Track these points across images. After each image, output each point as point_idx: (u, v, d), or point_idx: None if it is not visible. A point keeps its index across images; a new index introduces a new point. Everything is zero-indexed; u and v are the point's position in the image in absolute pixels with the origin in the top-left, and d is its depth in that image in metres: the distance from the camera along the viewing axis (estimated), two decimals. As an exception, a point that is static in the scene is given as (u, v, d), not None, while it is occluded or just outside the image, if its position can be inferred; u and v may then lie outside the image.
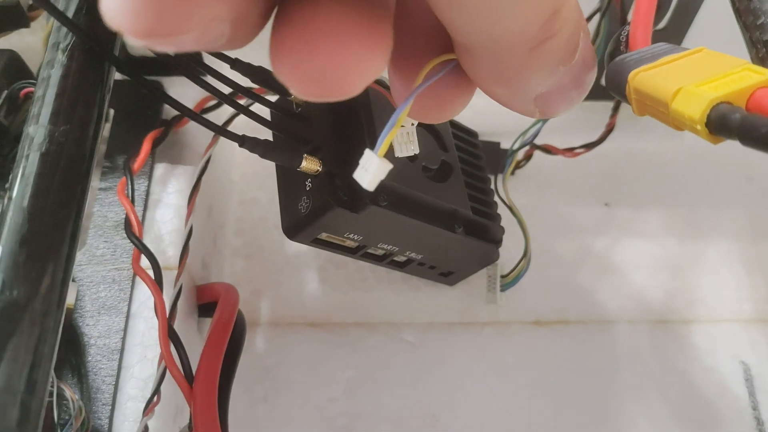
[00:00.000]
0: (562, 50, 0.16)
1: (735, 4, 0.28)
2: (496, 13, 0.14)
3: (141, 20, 0.12)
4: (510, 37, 0.15)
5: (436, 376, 0.40)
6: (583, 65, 0.17)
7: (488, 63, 0.16)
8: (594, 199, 0.46)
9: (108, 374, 0.30)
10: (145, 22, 0.12)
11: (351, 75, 0.14)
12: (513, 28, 0.15)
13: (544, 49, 0.16)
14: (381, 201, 0.30)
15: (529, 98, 0.17)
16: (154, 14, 0.12)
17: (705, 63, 0.24)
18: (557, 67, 0.16)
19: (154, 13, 0.12)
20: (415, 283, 0.41)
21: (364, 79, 0.14)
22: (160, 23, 0.12)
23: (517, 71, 0.16)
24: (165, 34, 0.12)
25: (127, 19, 0.12)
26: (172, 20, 0.12)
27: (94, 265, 0.33)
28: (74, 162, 0.23)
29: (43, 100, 0.24)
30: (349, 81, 0.14)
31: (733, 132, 0.21)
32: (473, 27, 0.15)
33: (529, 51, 0.15)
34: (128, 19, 0.12)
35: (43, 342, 0.20)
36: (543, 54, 0.16)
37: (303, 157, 0.29)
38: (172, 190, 0.35)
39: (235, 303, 0.31)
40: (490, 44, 0.15)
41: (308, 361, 0.40)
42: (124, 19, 0.12)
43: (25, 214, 0.21)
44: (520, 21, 0.15)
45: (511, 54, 0.16)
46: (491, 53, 0.16)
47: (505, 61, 0.16)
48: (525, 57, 0.16)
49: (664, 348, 0.41)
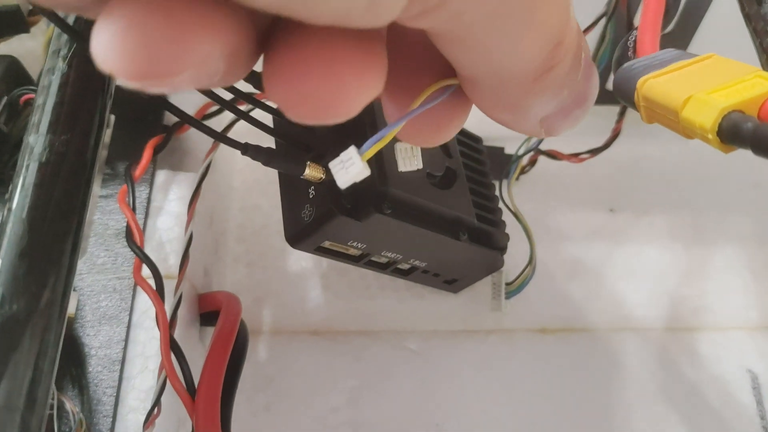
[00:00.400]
0: (565, 76, 0.16)
1: (744, 8, 0.27)
2: (500, 52, 0.14)
3: (132, 63, 0.11)
4: (513, 71, 0.15)
5: (439, 385, 0.39)
6: (585, 83, 0.18)
7: (492, 92, 0.16)
8: (599, 204, 0.45)
9: (109, 386, 0.30)
10: (136, 64, 0.11)
11: (345, 97, 0.13)
12: (516, 64, 0.15)
13: (548, 78, 0.16)
14: (385, 209, 0.30)
15: (534, 121, 0.17)
16: (146, 56, 0.11)
17: (715, 70, 0.24)
18: (561, 91, 0.17)
19: (146, 55, 0.11)
20: (419, 291, 0.41)
21: (359, 101, 0.14)
22: (152, 65, 0.12)
23: (521, 99, 0.16)
24: (158, 76, 0.12)
25: (117, 62, 0.11)
26: (164, 61, 0.12)
27: (94, 274, 0.33)
28: (75, 172, 0.22)
29: (43, 109, 0.23)
30: (344, 103, 0.13)
31: (745, 141, 0.21)
32: (477, 64, 0.15)
33: (532, 81, 0.15)
34: (119, 62, 0.11)
35: (44, 357, 0.20)
36: (546, 82, 0.16)
37: (306, 164, 0.28)
38: (173, 197, 0.35)
39: (237, 313, 0.30)
40: (494, 77, 0.15)
41: (311, 369, 0.39)
42: (115, 62, 0.11)
43: (25, 226, 0.21)
44: (524, 58, 0.15)
45: (515, 85, 0.16)
46: (495, 84, 0.16)
47: (509, 90, 0.16)
48: (529, 87, 0.16)
49: (671, 356, 0.41)
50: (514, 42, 0.14)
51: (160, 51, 0.11)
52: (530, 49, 0.15)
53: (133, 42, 0.11)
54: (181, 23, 0.12)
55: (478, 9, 0.13)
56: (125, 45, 0.11)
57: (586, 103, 0.18)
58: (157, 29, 0.11)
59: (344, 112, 0.13)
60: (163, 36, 0.11)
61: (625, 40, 0.30)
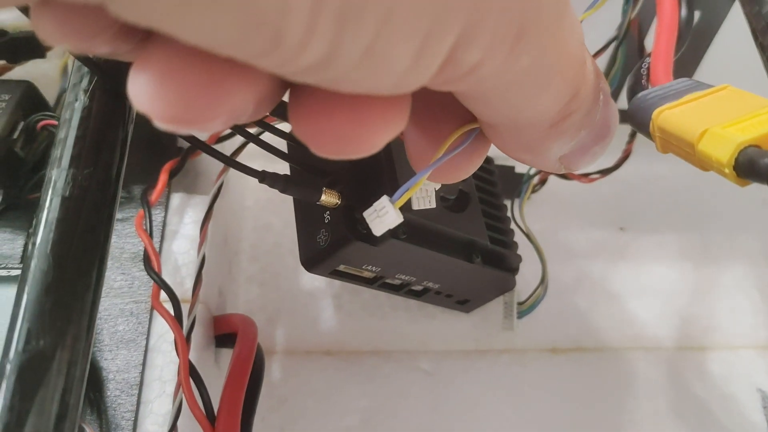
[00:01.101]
0: (582, 121, 0.17)
1: (758, 39, 0.27)
2: (517, 108, 0.15)
3: (168, 108, 0.12)
4: (531, 121, 0.16)
5: (452, 405, 0.40)
6: (604, 124, 0.18)
7: (510, 137, 0.17)
8: (609, 223, 0.45)
9: (127, 410, 0.30)
10: (174, 110, 0.12)
11: (369, 134, 0.14)
12: (533, 116, 0.15)
13: (564, 124, 0.16)
14: (400, 234, 0.30)
15: (553, 160, 0.18)
16: (183, 103, 0.12)
17: (730, 102, 0.24)
18: (578, 132, 0.17)
19: (183, 101, 0.12)
20: (431, 311, 0.41)
21: (382, 138, 0.14)
22: (189, 112, 0.12)
23: (538, 143, 0.17)
24: (193, 123, 0.12)
25: (154, 106, 0.12)
26: (200, 109, 0.12)
27: (111, 298, 0.33)
28: (98, 206, 0.23)
29: (65, 143, 0.23)
30: (368, 140, 0.14)
31: (762, 176, 0.21)
32: (496, 115, 0.16)
33: (549, 128, 0.16)
34: (155, 106, 0.12)
35: (70, 392, 0.20)
36: (563, 128, 0.16)
37: (322, 190, 0.29)
38: (188, 220, 0.35)
39: (254, 337, 0.31)
40: (512, 126, 0.16)
41: (324, 389, 0.40)
42: (152, 106, 0.12)
43: (50, 261, 0.21)
44: (540, 111, 0.15)
45: (532, 131, 0.16)
46: (513, 131, 0.16)
47: (527, 136, 0.16)
48: (546, 133, 0.16)
49: (681, 375, 0.41)
50: (532, 101, 0.15)
51: (198, 99, 0.12)
52: (546, 104, 0.15)
53: (173, 89, 0.12)
54: (218, 73, 0.12)
55: (499, 78, 0.14)
56: (164, 91, 0.12)
57: (605, 140, 0.19)
58: (195, 78, 0.12)
59: (367, 148, 0.14)
60: (200, 85, 0.12)
61: (638, 67, 0.30)
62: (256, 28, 0.11)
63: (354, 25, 0.11)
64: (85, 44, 0.13)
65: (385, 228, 0.19)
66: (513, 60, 0.13)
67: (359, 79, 0.12)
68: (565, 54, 0.15)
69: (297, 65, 0.12)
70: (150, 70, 0.12)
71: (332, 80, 0.12)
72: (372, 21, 0.11)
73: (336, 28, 0.11)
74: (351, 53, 0.12)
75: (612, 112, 0.19)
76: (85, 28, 0.12)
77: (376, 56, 0.12)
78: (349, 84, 0.12)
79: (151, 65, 0.12)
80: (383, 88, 0.13)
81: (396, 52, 0.12)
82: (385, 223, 0.19)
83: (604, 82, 0.18)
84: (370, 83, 0.13)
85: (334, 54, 0.11)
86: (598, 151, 0.19)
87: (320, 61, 0.12)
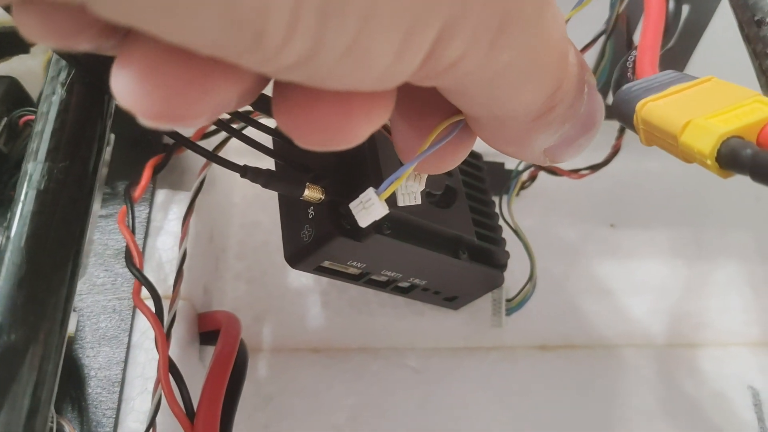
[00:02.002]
0: (565, 114, 0.17)
1: (744, 30, 0.27)
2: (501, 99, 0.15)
3: (153, 106, 0.12)
4: (513, 115, 0.16)
5: (440, 403, 0.39)
6: (589, 116, 0.18)
7: (494, 130, 0.17)
8: (600, 220, 0.45)
9: (108, 407, 0.30)
10: (158, 107, 0.12)
11: (353, 126, 0.14)
12: (515, 110, 0.16)
13: (547, 117, 0.16)
14: (384, 229, 0.30)
15: (538, 153, 0.18)
16: (167, 99, 0.12)
17: (714, 93, 0.24)
18: (562, 125, 0.17)
19: (167, 98, 0.12)
20: (419, 308, 0.41)
21: (366, 130, 0.14)
22: (173, 108, 0.12)
23: (522, 136, 0.17)
24: (177, 119, 0.12)
25: (138, 104, 0.12)
26: (184, 106, 0.12)
27: (94, 295, 0.33)
28: (74, 200, 0.22)
29: (41, 136, 0.23)
30: (351, 132, 0.14)
31: (744, 168, 0.21)
32: (479, 108, 0.16)
33: (531, 122, 0.16)
34: (140, 103, 0.12)
35: (42, 386, 0.20)
36: (546, 120, 0.16)
37: (305, 186, 0.28)
38: (173, 216, 0.35)
39: (236, 335, 0.30)
40: (495, 120, 0.16)
41: (311, 387, 0.39)
42: (136, 102, 0.12)
43: (24, 255, 0.21)
44: (522, 104, 0.15)
45: (515, 124, 0.16)
46: (496, 124, 0.16)
47: (510, 129, 0.16)
48: (528, 126, 0.16)
49: (672, 373, 0.41)
50: (514, 94, 0.15)
51: (182, 96, 0.12)
52: (529, 98, 0.15)
53: (156, 86, 0.12)
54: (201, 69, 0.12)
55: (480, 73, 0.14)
56: (148, 88, 0.12)
57: (590, 132, 0.19)
58: (179, 75, 0.12)
59: (352, 140, 0.14)
60: (184, 82, 0.12)
61: (624, 60, 0.30)
62: (237, 28, 0.11)
63: (335, 22, 0.11)
64: (67, 42, 0.13)
65: (370, 219, 0.19)
66: (494, 55, 0.13)
67: (341, 76, 0.12)
68: (547, 47, 0.15)
69: (279, 63, 0.12)
70: (133, 66, 0.12)
71: (314, 77, 0.12)
72: (354, 18, 0.11)
73: (317, 26, 0.11)
74: (333, 50, 0.12)
75: (597, 104, 0.19)
76: (68, 26, 0.12)
77: (358, 53, 0.12)
78: (332, 81, 0.12)
79: (133, 61, 0.12)
80: (366, 84, 0.13)
81: (378, 48, 0.12)
82: (371, 214, 0.19)
83: (590, 75, 0.18)
84: (353, 80, 0.13)
85: (316, 52, 0.11)
86: (583, 143, 0.19)
87: (302, 58, 0.12)
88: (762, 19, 0.26)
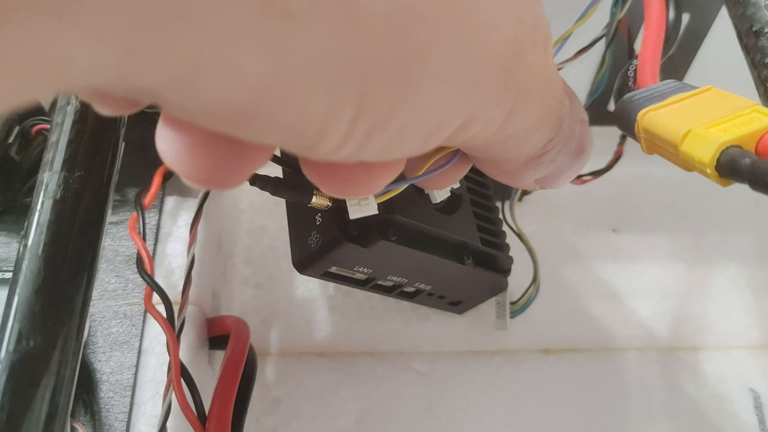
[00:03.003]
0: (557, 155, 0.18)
1: (743, 41, 0.28)
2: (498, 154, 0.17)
3: (199, 174, 0.13)
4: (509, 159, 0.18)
5: (445, 406, 0.40)
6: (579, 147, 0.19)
7: (490, 167, 0.19)
8: (602, 225, 0.46)
9: (120, 411, 0.30)
10: (203, 176, 0.13)
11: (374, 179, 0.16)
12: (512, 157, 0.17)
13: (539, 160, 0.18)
14: (391, 236, 0.30)
15: (529, 183, 0.19)
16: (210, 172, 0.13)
17: (714, 103, 0.24)
18: (553, 163, 0.19)
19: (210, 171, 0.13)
20: (424, 312, 0.41)
21: (385, 182, 0.16)
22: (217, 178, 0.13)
23: (516, 173, 0.18)
24: (218, 186, 0.13)
25: (184, 170, 0.13)
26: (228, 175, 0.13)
27: (105, 300, 0.33)
28: (89, 208, 0.23)
29: (57, 146, 0.24)
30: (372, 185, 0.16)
31: (743, 177, 0.21)
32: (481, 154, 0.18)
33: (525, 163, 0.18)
34: (185, 169, 0.13)
35: (60, 392, 0.21)
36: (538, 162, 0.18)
37: (313, 193, 0.29)
38: (182, 223, 0.36)
39: (246, 339, 0.31)
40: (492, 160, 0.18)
41: (318, 391, 0.40)
42: (182, 169, 0.13)
43: (41, 263, 0.22)
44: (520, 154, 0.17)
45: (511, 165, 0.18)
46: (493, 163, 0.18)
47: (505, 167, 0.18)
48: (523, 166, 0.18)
49: (673, 376, 0.41)
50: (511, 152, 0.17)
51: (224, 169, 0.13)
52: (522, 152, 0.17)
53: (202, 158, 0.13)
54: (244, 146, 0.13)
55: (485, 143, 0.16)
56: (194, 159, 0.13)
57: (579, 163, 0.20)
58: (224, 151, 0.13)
59: (372, 191, 0.16)
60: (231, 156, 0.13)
61: (625, 69, 0.30)
62: (296, 142, 0.12)
63: (378, 137, 0.13)
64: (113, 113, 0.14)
65: (360, 215, 0.21)
66: (501, 132, 0.15)
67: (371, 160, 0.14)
68: (546, 114, 0.16)
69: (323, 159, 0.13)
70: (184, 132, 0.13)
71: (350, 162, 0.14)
72: (393, 131, 0.13)
73: (363, 141, 0.13)
74: (371, 152, 0.13)
75: (587, 137, 0.20)
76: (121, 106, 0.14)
77: (390, 150, 0.14)
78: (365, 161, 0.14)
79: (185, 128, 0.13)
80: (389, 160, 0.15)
81: (407, 146, 0.14)
82: (363, 211, 0.21)
83: (583, 113, 0.20)
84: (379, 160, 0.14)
85: (357, 154, 0.13)
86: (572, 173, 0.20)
87: (345, 158, 0.13)
88: (760, 29, 0.27)
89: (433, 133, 0.14)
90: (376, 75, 0.12)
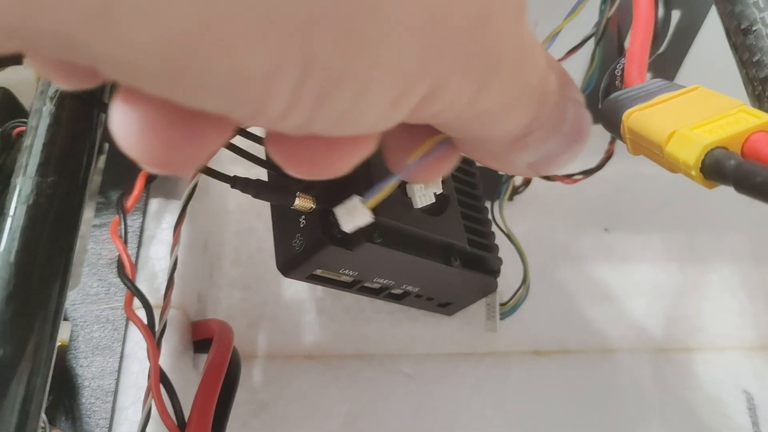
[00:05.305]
0: (546, 135, 0.17)
1: (731, 39, 0.27)
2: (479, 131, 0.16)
3: (153, 158, 0.13)
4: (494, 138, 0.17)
5: (434, 409, 0.39)
6: (575, 131, 0.18)
7: (476, 149, 0.18)
8: (593, 224, 0.45)
9: (102, 417, 0.30)
10: (156, 159, 0.13)
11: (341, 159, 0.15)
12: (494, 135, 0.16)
13: (525, 140, 0.17)
14: (375, 238, 0.30)
15: (521, 168, 0.18)
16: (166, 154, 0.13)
17: (700, 103, 0.24)
18: (543, 144, 0.17)
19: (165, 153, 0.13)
20: (413, 314, 0.41)
21: (352, 161, 0.15)
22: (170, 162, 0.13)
23: (503, 155, 0.17)
24: (174, 169, 0.13)
25: (139, 154, 0.13)
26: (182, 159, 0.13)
27: (87, 305, 0.33)
28: (63, 214, 0.23)
29: (30, 150, 0.23)
30: (339, 164, 0.15)
31: (728, 179, 0.21)
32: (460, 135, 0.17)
33: (510, 144, 0.17)
34: (140, 153, 0.13)
35: (30, 401, 0.20)
36: (524, 143, 0.17)
37: (296, 195, 0.28)
38: (166, 225, 0.35)
39: (229, 344, 0.30)
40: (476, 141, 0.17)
41: (306, 394, 0.39)
42: (137, 152, 0.13)
43: (12, 269, 0.21)
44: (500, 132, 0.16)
45: (496, 145, 0.17)
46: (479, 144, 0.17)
47: (492, 148, 0.17)
48: (509, 146, 0.17)
49: (666, 377, 0.41)
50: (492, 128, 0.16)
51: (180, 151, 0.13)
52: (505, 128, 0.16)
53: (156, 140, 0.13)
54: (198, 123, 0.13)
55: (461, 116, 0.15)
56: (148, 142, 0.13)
57: (575, 147, 0.19)
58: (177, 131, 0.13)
59: (338, 171, 0.15)
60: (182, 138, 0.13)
61: (613, 68, 0.30)
62: (238, 106, 0.12)
63: (331, 100, 0.12)
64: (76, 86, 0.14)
65: (354, 226, 0.20)
66: (474, 105, 0.14)
67: (331, 132, 0.13)
68: (526, 89, 0.16)
69: (275, 128, 0.13)
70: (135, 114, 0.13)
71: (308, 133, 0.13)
72: (348, 95, 0.12)
73: (315, 105, 0.12)
74: (326, 119, 0.13)
75: (584, 120, 0.19)
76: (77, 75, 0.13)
77: (348, 118, 0.13)
78: (323, 134, 0.13)
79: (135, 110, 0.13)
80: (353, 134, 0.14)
81: (367, 114, 0.13)
82: (356, 221, 0.19)
83: (576, 92, 0.19)
84: (341, 133, 0.14)
85: (311, 122, 0.13)
86: (568, 157, 0.19)
87: (297, 126, 0.13)
88: (748, 27, 0.26)
89: (396, 102, 0.13)
90: (321, 24, 0.11)
